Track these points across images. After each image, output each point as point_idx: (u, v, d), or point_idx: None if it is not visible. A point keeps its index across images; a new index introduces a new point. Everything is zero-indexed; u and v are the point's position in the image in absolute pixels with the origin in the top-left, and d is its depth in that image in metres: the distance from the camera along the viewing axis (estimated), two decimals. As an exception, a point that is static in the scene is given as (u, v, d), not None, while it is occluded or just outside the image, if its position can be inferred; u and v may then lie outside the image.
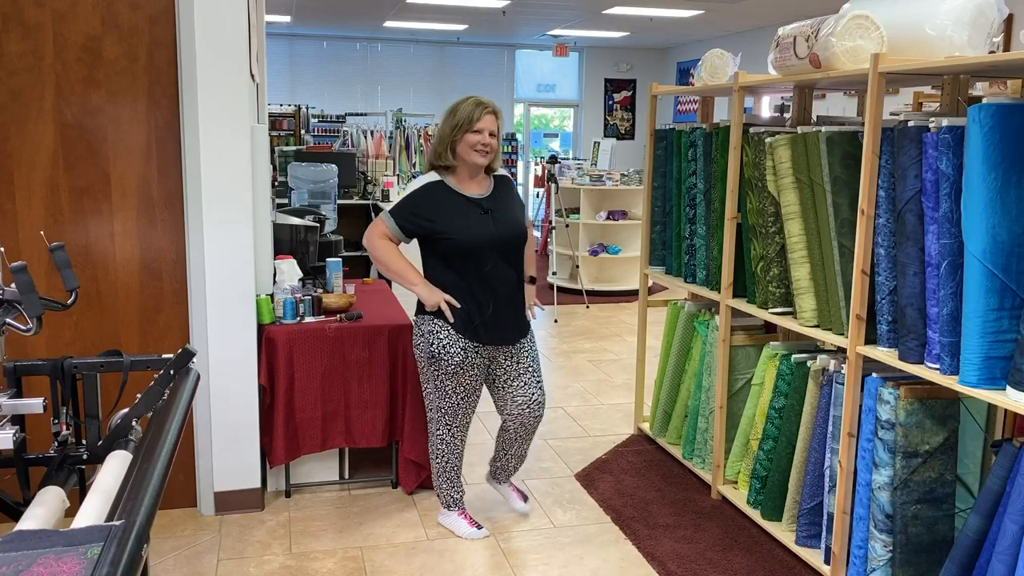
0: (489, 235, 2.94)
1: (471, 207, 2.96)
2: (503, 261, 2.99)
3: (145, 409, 1.94)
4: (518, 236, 3.02)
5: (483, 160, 2.96)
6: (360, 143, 8.47)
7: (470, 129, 2.93)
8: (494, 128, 2.97)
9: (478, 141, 2.93)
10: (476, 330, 2.97)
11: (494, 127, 2.97)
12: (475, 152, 2.94)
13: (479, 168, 3.01)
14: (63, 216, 3.14)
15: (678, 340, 3.97)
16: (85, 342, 3.23)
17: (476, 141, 2.93)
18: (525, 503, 3.38)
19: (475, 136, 2.93)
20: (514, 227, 3.01)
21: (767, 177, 3.13)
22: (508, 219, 3.01)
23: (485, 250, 2.94)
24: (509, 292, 3.01)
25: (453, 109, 2.98)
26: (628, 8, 9.55)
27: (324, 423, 3.47)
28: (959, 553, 2.31)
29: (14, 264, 1.84)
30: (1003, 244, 2.19)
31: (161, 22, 3.13)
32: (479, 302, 2.96)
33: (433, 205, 2.95)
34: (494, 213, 2.98)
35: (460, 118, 2.94)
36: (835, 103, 8.98)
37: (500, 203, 3.03)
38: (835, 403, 2.85)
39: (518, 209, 3.09)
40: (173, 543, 3.15)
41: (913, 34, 2.67)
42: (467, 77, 13.47)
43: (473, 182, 3.03)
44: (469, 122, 2.93)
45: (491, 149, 2.96)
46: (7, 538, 1.24)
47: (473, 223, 2.93)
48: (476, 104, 2.95)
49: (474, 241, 2.91)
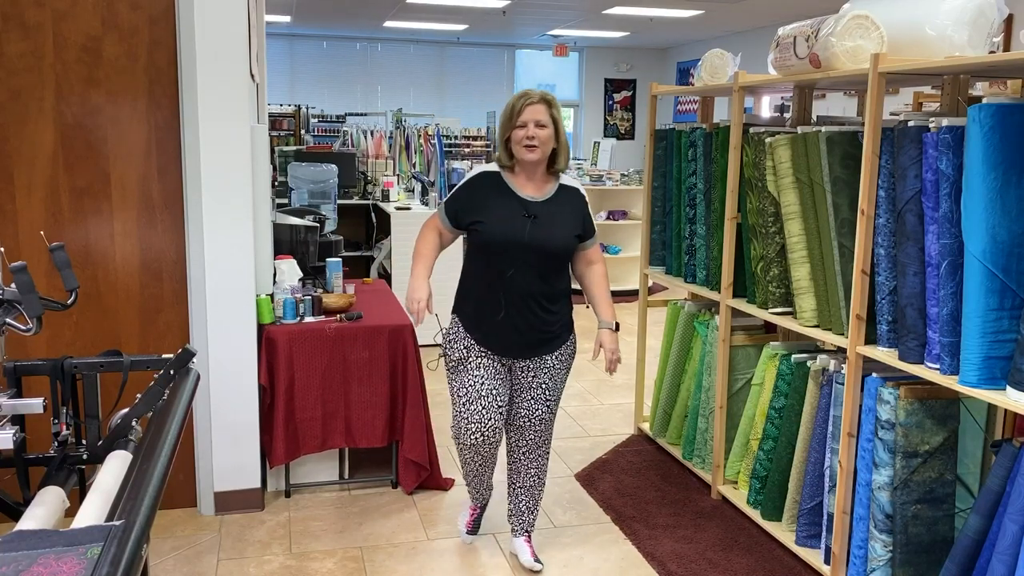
0: (519, 240, 2.68)
1: (516, 205, 2.72)
2: (531, 272, 2.72)
3: (145, 409, 1.94)
4: (552, 251, 2.73)
5: (531, 155, 2.68)
6: (360, 143, 8.47)
7: (515, 124, 2.69)
8: (542, 117, 2.67)
9: (523, 135, 2.67)
10: (485, 334, 2.78)
11: (542, 116, 2.67)
12: (522, 148, 2.68)
13: (535, 166, 2.74)
14: (63, 216, 3.14)
15: (678, 340, 3.97)
16: (85, 342, 3.23)
17: (522, 136, 2.67)
18: (536, 562, 3.01)
19: (520, 131, 2.68)
20: (552, 241, 2.72)
21: (767, 177, 3.13)
22: (550, 231, 2.72)
23: (511, 253, 2.69)
24: (527, 305, 2.74)
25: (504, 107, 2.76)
26: (628, 8, 9.55)
27: (324, 423, 3.47)
28: (959, 553, 2.31)
29: (14, 264, 1.84)
30: (1003, 244, 2.19)
31: (161, 22, 3.13)
32: (491, 304, 2.75)
33: (476, 192, 2.76)
34: (538, 220, 2.71)
35: (505, 114, 2.72)
36: (835, 103, 8.97)
37: (552, 213, 2.75)
38: (835, 403, 2.85)
39: (572, 225, 2.78)
40: (173, 543, 3.15)
41: (913, 34, 2.67)
42: (467, 77, 13.47)
43: (531, 183, 2.77)
44: (512, 116, 2.69)
45: (539, 141, 2.67)
46: (7, 538, 1.24)
47: (509, 222, 2.70)
48: (519, 96, 2.71)
49: (501, 239, 2.69)
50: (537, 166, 2.74)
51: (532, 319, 2.76)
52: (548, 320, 2.79)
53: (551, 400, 2.90)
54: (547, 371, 2.86)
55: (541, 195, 2.76)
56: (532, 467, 2.99)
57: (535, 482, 3.01)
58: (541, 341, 2.80)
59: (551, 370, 2.87)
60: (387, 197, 7.07)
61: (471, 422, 2.79)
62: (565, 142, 2.78)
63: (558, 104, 2.74)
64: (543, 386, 2.87)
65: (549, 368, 2.86)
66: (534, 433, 2.93)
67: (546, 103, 2.69)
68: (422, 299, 2.71)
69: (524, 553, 3.02)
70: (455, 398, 2.84)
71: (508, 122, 2.70)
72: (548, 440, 2.99)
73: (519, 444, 2.96)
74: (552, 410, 2.92)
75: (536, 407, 2.89)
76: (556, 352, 2.85)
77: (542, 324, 2.78)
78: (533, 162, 2.71)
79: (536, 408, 2.89)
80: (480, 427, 2.79)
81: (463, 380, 2.82)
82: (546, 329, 2.80)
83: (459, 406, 2.82)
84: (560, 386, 2.92)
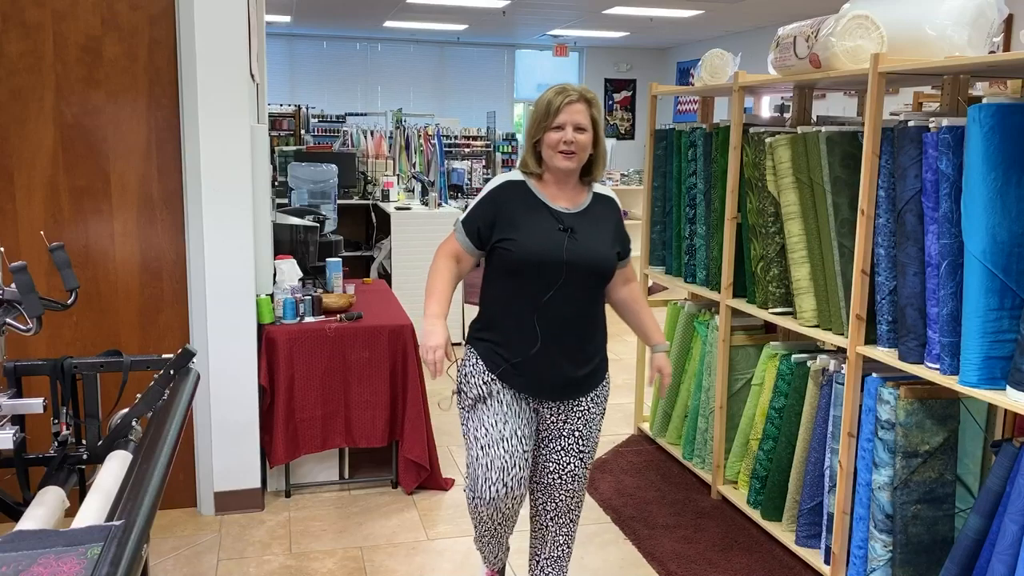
0: (557, 257, 2.25)
1: (548, 218, 2.30)
2: (571, 296, 2.29)
3: (145, 409, 1.94)
4: (596, 270, 2.33)
5: (567, 163, 2.28)
6: (360, 143, 8.47)
7: (549, 125, 2.26)
8: (583, 120, 2.26)
9: (559, 140, 2.25)
10: (514, 368, 2.32)
11: (583, 118, 2.26)
12: (558, 154, 2.27)
13: (568, 175, 2.33)
14: (63, 216, 3.14)
15: (678, 340, 3.97)
16: (85, 342, 3.23)
17: (557, 140, 2.26)
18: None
19: (556, 134, 2.26)
20: (595, 258, 2.31)
21: (767, 177, 3.13)
22: (591, 247, 2.31)
23: (547, 275, 2.26)
24: (565, 335, 2.31)
25: (535, 102, 2.33)
26: (628, 8, 9.55)
27: (324, 423, 3.47)
28: (959, 553, 2.31)
29: (14, 264, 1.84)
30: (1003, 244, 2.19)
31: (161, 22, 3.13)
32: (524, 335, 2.29)
33: (503, 205, 2.32)
34: (576, 234, 2.29)
35: (539, 112, 2.30)
36: (835, 103, 8.97)
37: (589, 225, 2.34)
38: (835, 403, 2.85)
39: (611, 240, 2.38)
40: (173, 543, 3.15)
41: (913, 34, 2.67)
42: (467, 77, 13.47)
43: (562, 192, 2.35)
44: (547, 115, 2.27)
45: (578, 148, 2.27)
46: (7, 538, 1.23)
47: (543, 237, 2.27)
48: (557, 92, 2.28)
49: (537, 258, 2.25)
50: (571, 174, 2.34)
51: (572, 351, 2.34)
52: (588, 351, 2.37)
53: (585, 452, 2.45)
54: (581, 416, 2.42)
55: (575, 206, 2.35)
56: (561, 534, 2.53)
57: (563, 552, 2.55)
58: (579, 380, 2.37)
59: (586, 415, 2.42)
60: (387, 197, 7.07)
61: (491, 470, 2.28)
62: (604, 148, 2.38)
63: (599, 103, 2.34)
64: (576, 434, 2.43)
65: (583, 412, 2.42)
66: (564, 493, 2.47)
67: (587, 102, 2.29)
68: (439, 346, 2.19)
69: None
70: (471, 443, 2.35)
71: (542, 122, 2.28)
72: (581, 503, 2.52)
73: (546, 506, 2.50)
74: (587, 464, 2.47)
75: (568, 460, 2.44)
76: (592, 393, 2.42)
77: (583, 356, 2.36)
78: (565, 170, 2.31)
79: (568, 462, 2.44)
80: (503, 476, 2.28)
81: (482, 420, 2.33)
82: (586, 362, 2.37)
83: (476, 451, 2.32)
84: (596, 435, 2.48)
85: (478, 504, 2.33)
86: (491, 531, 2.45)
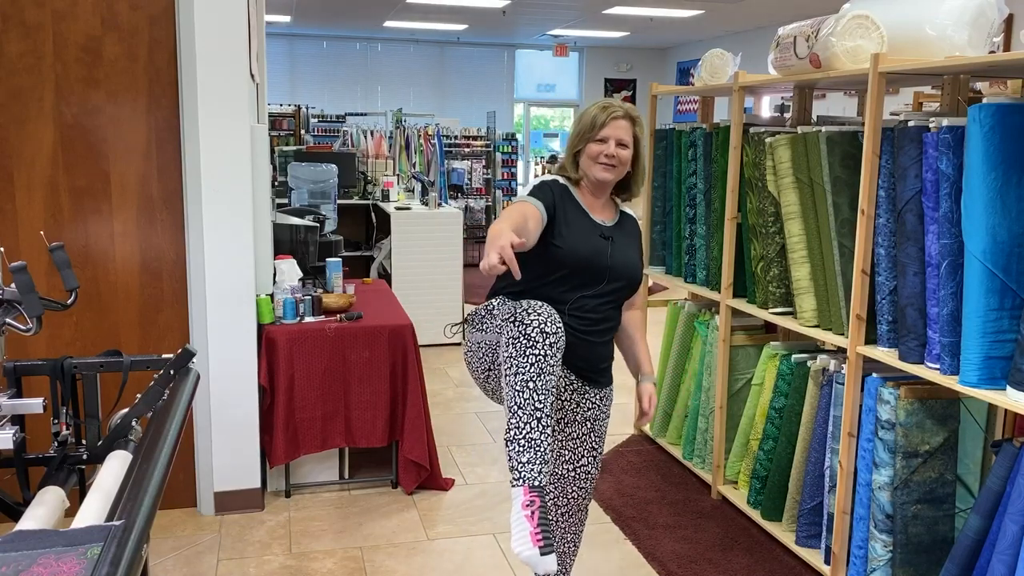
0: (601, 263, 2.32)
1: (592, 224, 2.36)
2: (604, 300, 2.36)
3: (145, 409, 1.94)
4: (630, 280, 2.40)
5: (605, 175, 2.34)
6: (360, 143, 8.47)
7: (592, 138, 2.33)
8: (626, 137, 2.33)
9: (600, 152, 2.32)
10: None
11: (626, 135, 2.33)
12: (597, 165, 2.33)
13: (604, 187, 2.40)
14: (63, 216, 3.14)
15: (678, 340, 3.97)
16: (85, 342, 3.23)
17: (598, 152, 2.32)
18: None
19: (597, 146, 2.32)
20: (630, 267, 2.39)
21: (767, 177, 3.13)
22: (627, 257, 2.40)
23: (588, 277, 2.32)
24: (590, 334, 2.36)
25: (580, 114, 2.43)
26: (628, 8, 9.56)
27: (324, 423, 3.47)
28: (959, 553, 2.31)
29: (14, 264, 1.84)
30: (1003, 244, 2.19)
31: (161, 22, 3.13)
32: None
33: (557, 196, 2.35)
34: (615, 243, 2.37)
35: (583, 124, 2.38)
36: (835, 103, 8.97)
37: (621, 238, 2.42)
38: (835, 403, 2.85)
39: (638, 255, 2.48)
40: (173, 543, 3.15)
41: (913, 34, 2.67)
42: (467, 77, 13.48)
43: (597, 204, 2.42)
44: (591, 128, 2.34)
45: (619, 162, 2.34)
46: (7, 538, 1.23)
47: (590, 240, 2.33)
48: (602, 108, 2.36)
49: (584, 261, 2.30)
50: (606, 187, 2.41)
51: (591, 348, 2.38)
52: (603, 355, 2.44)
53: (596, 450, 2.51)
54: (592, 406, 2.46)
55: (609, 219, 2.41)
56: (570, 533, 2.55)
57: (569, 549, 2.58)
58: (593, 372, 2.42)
59: (596, 408, 2.48)
60: (387, 197, 7.07)
61: (542, 306, 2.10)
62: (643, 167, 2.43)
63: (642, 122, 2.41)
64: (588, 424, 2.47)
65: (595, 406, 2.47)
66: (576, 489, 2.50)
67: (631, 120, 2.36)
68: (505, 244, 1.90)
69: None
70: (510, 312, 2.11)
71: (585, 134, 2.36)
72: (589, 502, 2.58)
73: (557, 502, 2.52)
74: (597, 463, 2.53)
75: (581, 454, 2.49)
76: (602, 392, 2.48)
77: (597, 357, 2.42)
78: (603, 181, 2.37)
79: (582, 455, 2.49)
80: (552, 312, 2.10)
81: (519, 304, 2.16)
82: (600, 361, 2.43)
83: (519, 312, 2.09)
84: (604, 435, 2.55)
85: (520, 344, 2.05)
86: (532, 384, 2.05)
